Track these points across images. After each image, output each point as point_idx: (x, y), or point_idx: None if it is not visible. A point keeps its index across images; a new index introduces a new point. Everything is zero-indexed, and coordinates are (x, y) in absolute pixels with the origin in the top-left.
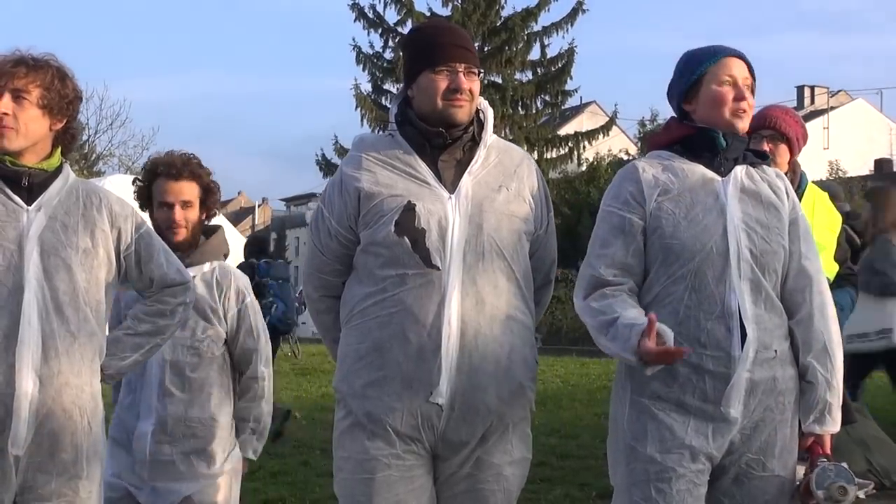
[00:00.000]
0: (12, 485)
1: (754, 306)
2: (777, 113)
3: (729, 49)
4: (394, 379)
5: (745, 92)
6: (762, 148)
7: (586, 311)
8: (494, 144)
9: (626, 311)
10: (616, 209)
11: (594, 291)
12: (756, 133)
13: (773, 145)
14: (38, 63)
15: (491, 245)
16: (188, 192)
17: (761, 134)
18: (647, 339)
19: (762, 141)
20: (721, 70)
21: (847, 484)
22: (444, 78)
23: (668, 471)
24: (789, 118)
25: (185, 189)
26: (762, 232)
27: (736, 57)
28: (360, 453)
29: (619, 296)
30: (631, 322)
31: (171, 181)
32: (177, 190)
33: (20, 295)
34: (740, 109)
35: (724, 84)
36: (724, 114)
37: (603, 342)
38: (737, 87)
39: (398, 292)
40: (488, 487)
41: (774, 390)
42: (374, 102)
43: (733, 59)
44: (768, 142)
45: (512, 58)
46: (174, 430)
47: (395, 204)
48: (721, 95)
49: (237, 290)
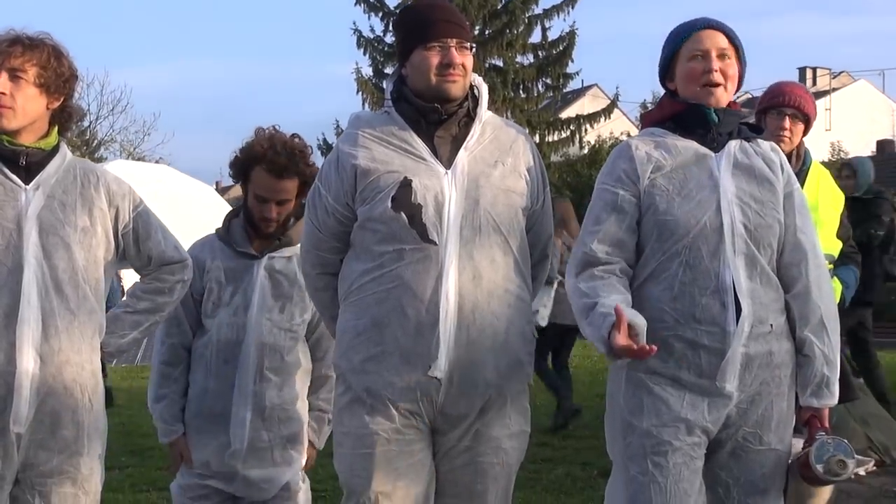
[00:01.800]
0: (14, 462)
1: (749, 281)
2: (800, 91)
3: (702, 21)
4: (392, 354)
5: (716, 62)
6: (783, 125)
7: (574, 292)
8: (490, 120)
9: (607, 298)
10: (609, 186)
11: (584, 270)
12: (777, 109)
13: (793, 124)
14: (34, 42)
15: (487, 220)
16: (289, 190)
17: (784, 111)
18: (616, 333)
19: (784, 118)
20: (693, 45)
21: (846, 457)
22: (436, 53)
23: (665, 444)
24: (809, 98)
25: (287, 188)
26: (756, 206)
27: (709, 28)
28: (359, 428)
29: (608, 278)
30: (606, 311)
31: (273, 178)
32: (278, 189)
33: (20, 274)
34: (710, 82)
35: (695, 59)
36: (694, 89)
37: (583, 325)
38: (706, 59)
39: (396, 268)
40: (487, 460)
41: (770, 364)
42: (375, 87)
43: (705, 32)
44: (790, 119)
45: (513, 41)
46: (271, 415)
47: (392, 180)
48: (690, 71)
49: None
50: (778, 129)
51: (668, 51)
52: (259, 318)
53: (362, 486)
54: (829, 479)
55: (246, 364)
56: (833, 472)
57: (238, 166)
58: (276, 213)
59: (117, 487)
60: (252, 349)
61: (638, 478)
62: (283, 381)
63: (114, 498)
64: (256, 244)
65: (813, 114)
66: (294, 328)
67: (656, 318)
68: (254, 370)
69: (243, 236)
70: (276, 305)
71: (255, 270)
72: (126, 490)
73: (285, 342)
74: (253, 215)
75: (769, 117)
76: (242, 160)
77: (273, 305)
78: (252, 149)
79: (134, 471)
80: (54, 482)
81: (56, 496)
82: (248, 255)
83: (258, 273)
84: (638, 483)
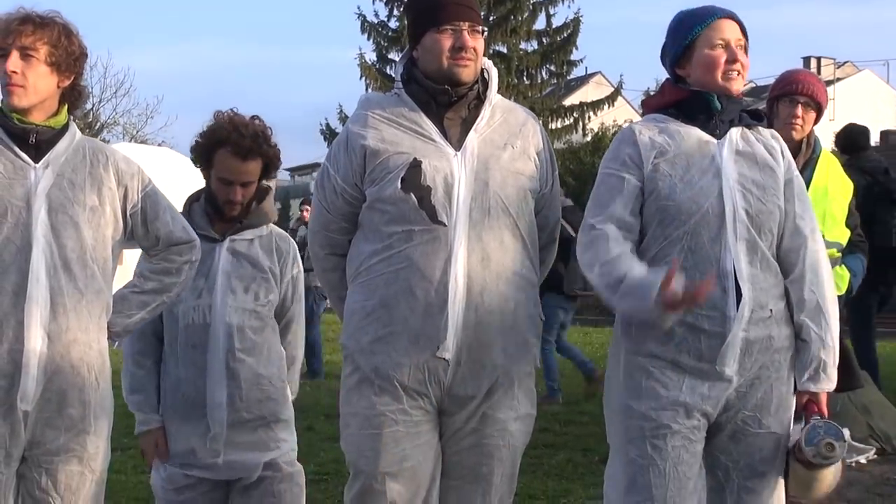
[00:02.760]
0: (21, 440)
1: (750, 266)
2: (812, 80)
3: (720, 10)
4: (401, 335)
5: (738, 53)
6: (796, 112)
7: (592, 271)
8: (499, 104)
9: (632, 268)
10: (614, 170)
11: (596, 248)
12: (790, 97)
13: (805, 112)
14: (45, 20)
15: (497, 202)
16: (253, 172)
17: (797, 99)
18: (668, 288)
19: (797, 106)
20: (713, 33)
21: (835, 441)
22: (448, 37)
23: (663, 427)
24: (822, 86)
25: (251, 169)
26: (758, 192)
27: (727, 18)
28: (367, 409)
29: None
30: (640, 277)
31: (237, 161)
32: (243, 171)
33: (28, 252)
34: (732, 71)
35: (717, 48)
36: (716, 77)
37: (613, 300)
38: (729, 49)
39: (405, 248)
40: (493, 442)
41: (770, 349)
42: (378, 72)
43: (725, 21)
44: (802, 107)
45: (517, 27)
46: (248, 395)
47: (401, 161)
48: (714, 59)
49: (294, 255)
50: (790, 116)
51: (685, 37)
52: (223, 300)
53: (369, 466)
54: (820, 462)
55: (215, 346)
56: (822, 455)
57: (201, 151)
58: (240, 195)
59: (120, 469)
60: (220, 331)
61: (637, 461)
62: (257, 360)
63: (117, 479)
64: (218, 227)
65: (825, 102)
66: (259, 309)
67: None
68: (224, 352)
69: (205, 220)
70: (239, 286)
71: (218, 253)
72: (129, 472)
73: (252, 322)
74: (217, 199)
75: (781, 105)
76: (205, 144)
77: (237, 287)
78: (215, 133)
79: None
80: (61, 460)
81: (62, 474)
82: (210, 239)
83: (220, 255)
84: (637, 466)
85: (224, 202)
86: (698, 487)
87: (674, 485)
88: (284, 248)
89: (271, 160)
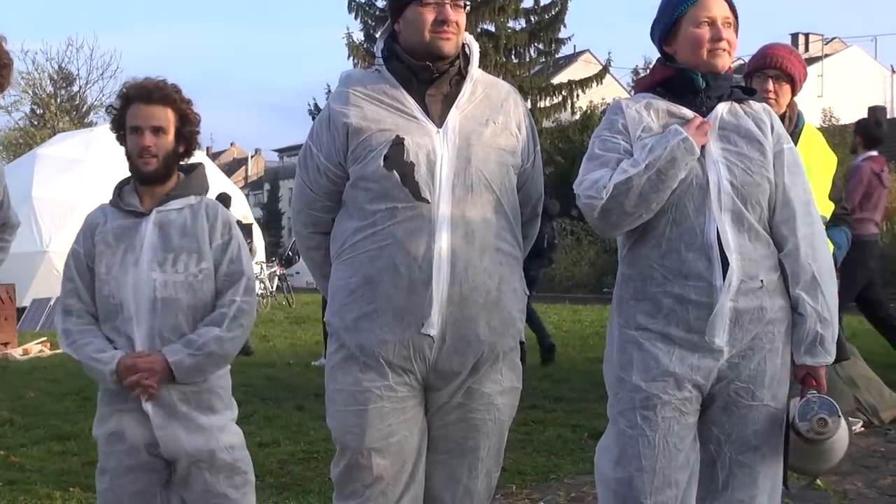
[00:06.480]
0: None
1: (738, 236)
2: (782, 52)
3: None
4: (385, 311)
5: (724, 31)
6: (767, 87)
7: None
8: (481, 79)
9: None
10: (608, 137)
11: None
12: (760, 72)
13: (778, 85)
14: None
15: (479, 178)
16: (160, 116)
17: (766, 73)
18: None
19: (767, 80)
20: (699, 11)
21: (828, 416)
22: (431, 10)
23: (653, 398)
24: (794, 57)
25: (158, 114)
26: (743, 164)
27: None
28: (352, 385)
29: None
30: (658, 137)
31: (142, 104)
32: (147, 114)
33: None
34: (718, 49)
35: (702, 25)
36: (702, 55)
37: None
38: (714, 27)
39: (388, 226)
40: (479, 416)
41: (763, 319)
42: (366, 51)
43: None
44: (773, 81)
45: (505, 6)
46: None
47: (384, 138)
48: (699, 37)
49: (224, 221)
50: (763, 91)
51: (671, 14)
52: (149, 274)
53: (355, 442)
54: (814, 437)
55: (142, 322)
56: (815, 430)
57: (116, 119)
58: (150, 141)
59: None
60: (145, 305)
61: (627, 431)
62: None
63: None
64: (147, 201)
65: (799, 73)
66: (189, 279)
67: (646, 276)
68: (148, 326)
69: (132, 194)
70: (167, 259)
71: (144, 226)
72: None
73: (180, 294)
74: (133, 158)
75: (755, 81)
76: (119, 109)
77: (164, 259)
78: (122, 92)
79: None
80: None
81: None
82: (137, 213)
83: (146, 228)
84: (627, 436)
85: (137, 154)
86: (691, 460)
87: (664, 456)
88: (212, 214)
89: (183, 112)
